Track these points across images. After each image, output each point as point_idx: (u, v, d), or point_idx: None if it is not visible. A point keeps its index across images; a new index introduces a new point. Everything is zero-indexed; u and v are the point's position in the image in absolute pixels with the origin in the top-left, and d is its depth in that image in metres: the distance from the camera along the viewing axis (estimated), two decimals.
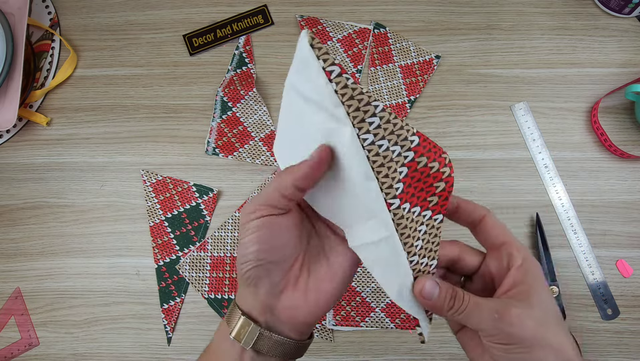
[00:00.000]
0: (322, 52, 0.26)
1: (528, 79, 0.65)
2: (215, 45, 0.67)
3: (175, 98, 0.66)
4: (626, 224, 0.60)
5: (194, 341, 0.59)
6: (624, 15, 0.65)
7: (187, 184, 0.63)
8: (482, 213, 0.33)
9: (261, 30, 0.68)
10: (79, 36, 0.68)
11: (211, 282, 0.60)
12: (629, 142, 0.62)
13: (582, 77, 0.65)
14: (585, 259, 0.59)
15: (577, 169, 0.62)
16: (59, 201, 0.63)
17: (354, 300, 0.59)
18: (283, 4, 0.68)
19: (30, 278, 0.62)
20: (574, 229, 0.60)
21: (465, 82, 0.65)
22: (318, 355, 0.58)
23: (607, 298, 0.58)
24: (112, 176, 0.64)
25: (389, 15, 0.67)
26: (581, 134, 0.63)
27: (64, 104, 0.66)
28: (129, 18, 0.69)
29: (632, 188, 0.61)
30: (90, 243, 0.62)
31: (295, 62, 0.28)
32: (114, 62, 0.67)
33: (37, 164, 0.65)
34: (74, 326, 0.60)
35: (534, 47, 0.66)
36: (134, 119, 0.65)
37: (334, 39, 0.67)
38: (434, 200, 0.30)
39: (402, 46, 0.66)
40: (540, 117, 0.63)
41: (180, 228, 0.62)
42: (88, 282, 0.61)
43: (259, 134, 0.64)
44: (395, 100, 0.65)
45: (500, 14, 0.67)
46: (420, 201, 0.30)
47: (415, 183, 0.29)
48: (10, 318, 0.60)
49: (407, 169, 0.28)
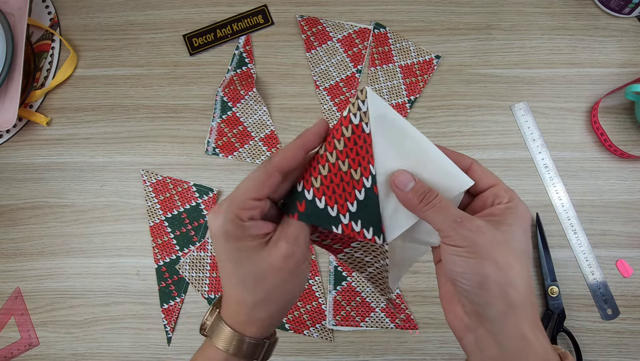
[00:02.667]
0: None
1: (528, 79, 0.65)
2: (215, 45, 0.67)
3: (175, 98, 0.66)
4: (626, 224, 0.60)
5: (194, 341, 0.59)
6: (624, 15, 0.65)
7: (187, 184, 0.63)
8: (468, 162, 0.33)
9: (261, 30, 0.68)
10: (79, 36, 0.68)
11: (211, 282, 0.60)
12: (629, 142, 0.62)
13: (582, 77, 0.65)
14: (585, 259, 0.59)
15: (577, 169, 0.62)
16: (59, 201, 0.63)
17: (354, 300, 0.59)
18: (283, 4, 0.68)
19: (30, 278, 0.62)
20: (574, 229, 0.60)
21: (465, 82, 0.65)
22: (318, 355, 0.58)
23: (607, 298, 0.58)
24: (112, 176, 0.64)
25: (389, 15, 0.67)
26: (581, 134, 0.63)
27: (64, 104, 0.66)
28: (129, 18, 0.69)
29: (632, 188, 0.61)
30: (90, 243, 0.62)
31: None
32: (114, 62, 0.67)
33: (37, 164, 0.65)
34: (74, 326, 0.60)
35: (534, 47, 0.66)
36: (134, 119, 0.65)
37: (334, 39, 0.67)
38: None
39: (402, 46, 0.66)
40: (540, 117, 0.63)
41: (180, 228, 0.62)
42: (88, 282, 0.61)
43: (259, 134, 0.64)
44: (395, 100, 0.65)
45: (500, 14, 0.67)
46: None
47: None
48: (10, 318, 0.60)
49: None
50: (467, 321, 0.31)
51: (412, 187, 0.30)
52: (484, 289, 0.29)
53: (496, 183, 0.32)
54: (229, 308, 0.32)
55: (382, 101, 0.31)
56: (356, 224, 0.32)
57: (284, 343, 0.59)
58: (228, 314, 0.32)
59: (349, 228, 0.32)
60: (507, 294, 0.28)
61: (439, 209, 0.30)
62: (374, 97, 0.30)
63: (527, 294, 0.29)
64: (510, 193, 0.31)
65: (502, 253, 0.28)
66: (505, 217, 0.30)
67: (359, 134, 0.30)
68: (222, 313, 0.33)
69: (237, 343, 0.32)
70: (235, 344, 0.32)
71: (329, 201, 0.32)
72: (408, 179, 0.31)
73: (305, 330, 0.59)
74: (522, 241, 0.30)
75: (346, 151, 0.31)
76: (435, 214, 0.30)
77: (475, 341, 0.31)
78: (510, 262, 0.29)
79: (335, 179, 0.31)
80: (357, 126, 0.30)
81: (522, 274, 0.29)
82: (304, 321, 0.59)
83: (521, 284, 0.29)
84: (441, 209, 0.30)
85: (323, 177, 0.31)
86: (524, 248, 0.30)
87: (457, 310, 0.32)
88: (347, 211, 0.32)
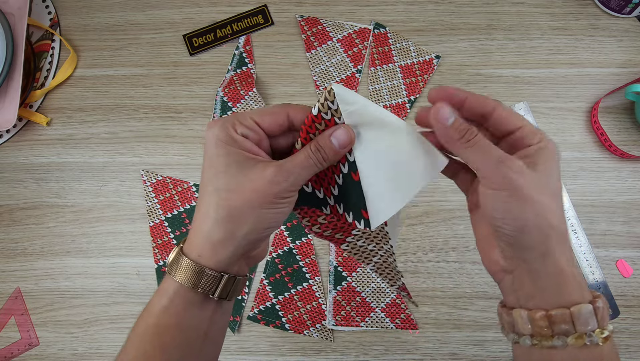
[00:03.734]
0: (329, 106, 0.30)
1: (528, 79, 0.65)
2: (215, 45, 0.67)
3: (175, 98, 0.66)
4: (626, 224, 0.60)
5: None
6: (624, 15, 0.65)
7: (187, 184, 0.63)
8: (493, 104, 0.31)
9: (261, 30, 0.68)
10: (79, 36, 0.68)
11: None
12: (629, 142, 0.62)
13: (582, 77, 0.65)
14: (585, 259, 0.59)
15: (577, 169, 0.62)
16: (59, 201, 0.63)
17: (354, 300, 0.59)
18: (283, 4, 0.68)
19: (30, 278, 0.62)
20: (574, 229, 0.60)
21: (465, 82, 0.65)
22: (318, 355, 0.58)
23: (607, 298, 0.58)
24: (112, 176, 0.64)
25: (389, 15, 0.67)
26: (581, 134, 0.63)
27: (64, 104, 0.66)
28: (129, 18, 0.69)
29: (632, 188, 0.61)
30: (90, 243, 0.62)
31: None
32: (114, 62, 0.67)
33: (37, 164, 0.65)
34: (74, 326, 0.60)
35: (534, 47, 0.66)
36: (134, 119, 0.65)
37: (334, 39, 0.67)
38: None
39: (402, 46, 0.66)
40: (540, 117, 0.63)
41: (180, 228, 0.62)
42: (88, 282, 0.61)
43: None
44: (395, 100, 0.65)
45: (500, 14, 0.67)
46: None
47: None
48: (10, 318, 0.60)
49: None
50: (504, 264, 0.31)
51: (453, 122, 0.29)
52: (525, 233, 0.29)
53: (523, 125, 0.31)
54: (189, 240, 0.31)
55: (352, 95, 0.30)
56: (339, 206, 0.33)
57: (284, 343, 0.59)
58: (188, 245, 0.31)
59: (335, 210, 0.33)
60: (548, 236, 0.29)
61: (480, 148, 0.29)
62: (344, 93, 0.30)
63: (564, 234, 0.29)
64: (539, 134, 0.30)
65: (542, 196, 0.28)
66: (539, 157, 0.29)
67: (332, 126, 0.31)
68: (184, 247, 0.32)
69: (194, 274, 0.30)
70: (191, 276, 0.30)
71: (315, 185, 0.33)
72: (448, 113, 0.29)
73: (305, 330, 0.59)
74: (557, 180, 0.30)
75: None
76: (476, 153, 0.29)
77: (512, 282, 0.31)
78: (549, 204, 0.29)
79: None
80: (329, 120, 0.31)
81: (559, 215, 0.29)
82: (304, 321, 0.59)
83: (559, 225, 0.29)
84: (483, 147, 0.29)
85: None
86: (559, 186, 0.30)
87: (493, 254, 0.32)
88: (331, 194, 0.33)
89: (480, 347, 0.58)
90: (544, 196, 0.29)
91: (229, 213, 0.29)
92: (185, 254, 0.31)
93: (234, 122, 0.30)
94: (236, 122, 0.30)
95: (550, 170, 0.29)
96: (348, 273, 0.60)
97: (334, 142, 0.30)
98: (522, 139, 0.30)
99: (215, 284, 0.30)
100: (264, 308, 0.59)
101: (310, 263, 0.60)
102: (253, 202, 0.29)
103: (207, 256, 0.30)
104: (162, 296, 0.31)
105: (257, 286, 0.60)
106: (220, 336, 0.34)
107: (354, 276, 0.60)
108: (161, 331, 0.30)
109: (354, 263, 0.60)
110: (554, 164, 0.30)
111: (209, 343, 0.32)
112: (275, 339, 0.59)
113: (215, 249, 0.30)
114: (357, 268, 0.60)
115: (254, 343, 0.59)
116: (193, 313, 0.31)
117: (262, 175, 0.29)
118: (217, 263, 0.30)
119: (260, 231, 0.30)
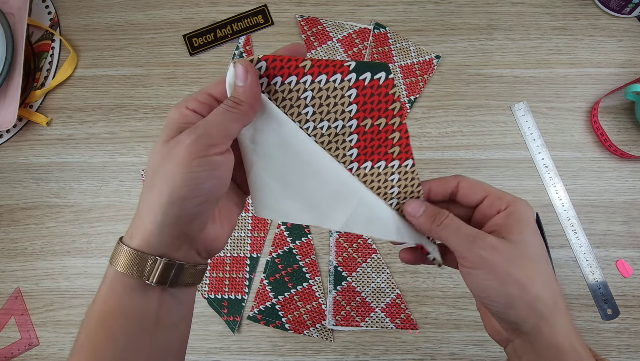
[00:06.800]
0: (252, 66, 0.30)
1: (528, 79, 0.65)
2: (215, 45, 0.67)
3: (175, 98, 0.66)
4: (626, 224, 0.60)
5: (193, 341, 0.59)
6: (624, 15, 0.65)
7: None
8: (454, 181, 0.33)
9: (261, 30, 0.68)
10: (79, 36, 0.68)
11: (211, 282, 0.60)
12: (629, 142, 0.62)
13: (582, 77, 0.65)
14: (585, 259, 0.59)
15: (577, 169, 0.62)
16: (59, 201, 0.63)
17: (354, 300, 0.59)
18: (283, 4, 0.68)
19: (30, 278, 0.62)
20: (573, 229, 0.60)
21: (465, 82, 0.65)
22: (318, 355, 0.58)
23: (607, 298, 0.58)
24: (112, 176, 0.64)
25: (389, 15, 0.67)
26: (581, 134, 0.63)
27: (64, 104, 0.66)
28: (129, 18, 0.69)
29: (632, 188, 0.61)
30: (90, 243, 0.62)
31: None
32: (114, 62, 0.67)
33: (37, 164, 0.65)
34: (74, 326, 0.60)
35: (534, 47, 0.66)
36: (134, 119, 0.65)
37: (334, 39, 0.67)
38: (396, 150, 0.33)
39: (402, 46, 0.66)
40: (540, 117, 0.63)
41: None
42: (88, 282, 0.61)
43: None
44: None
45: (500, 14, 0.67)
46: (382, 156, 0.33)
47: (369, 143, 0.33)
48: (10, 318, 0.60)
49: (356, 135, 0.33)
50: (504, 333, 0.32)
51: (423, 211, 0.31)
52: (512, 309, 0.29)
53: (488, 192, 0.32)
54: (130, 229, 0.30)
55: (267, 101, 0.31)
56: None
57: (284, 343, 0.59)
58: (128, 234, 0.30)
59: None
60: (535, 309, 0.28)
61: (451, 229, 0.30)
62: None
63: (555, 303, 0.29)
64: (506, 197, 0.31)
65: (521, 268, 0.28)
66: (510, 224, 0.30)
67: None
68: (124, 236, 0.31)
69: (128, 259, 0.29)
70: (125, 261, 0.29)
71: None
72: (418, 205, 0.32)
73: (305, 330, 0.59)
74: (536, 245, 0.30)
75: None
76: (449, 234, 0.30)
77: (514, 350, 0.31)
78: (531, 275, 0.28)
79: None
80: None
81: (545, 283, 0.29)
82: (304, 321, 0.59)
83: (547, 294, 0.29)
84: (453, 228, 0.30)
85: None
86: (539, 251, 0.30)
87: (494, 323, 0.33)
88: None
89: (480, 347, 0.58)
90: (524, 268, 0.28)
91: (153, 184, 0.28)
92: (122, 241, 0.30)
93: (189, 98, 0.30)
94: (191, 98, 0.30)
95: (524, 235, 0.29)
96: (348, 273, 0.60)
97: (238, 83, 0.29)
98: (490, 207, 0.31)
99: (150, 268, 0.29)
100: (264, 308, 0.59)
101: (310, 263, 0.60)
102: (173, 169, 0.27)
103: (139, 239, 0.29)
104: (103, 284, 0.30)
105: (257, 286, 0.60)
106: (180, 324, 0.32)
107: (354, 276, 0.60)
108: (104, 316, 0.29)
109: (354, 263, 0.60)
110: (528, 227, 0.30)
111: (162, 329, 0.31)
112: (275, 339, 0.59)
113: (146, 231, 0.29)
114: (357, 268, 0.60)
115: (254, 343, 0.59)
116: (134, 298, 0.30)
117: (177, 139, 0.28)
118: (149, 244, 0.29)
119: (184, 197, 0.28)
